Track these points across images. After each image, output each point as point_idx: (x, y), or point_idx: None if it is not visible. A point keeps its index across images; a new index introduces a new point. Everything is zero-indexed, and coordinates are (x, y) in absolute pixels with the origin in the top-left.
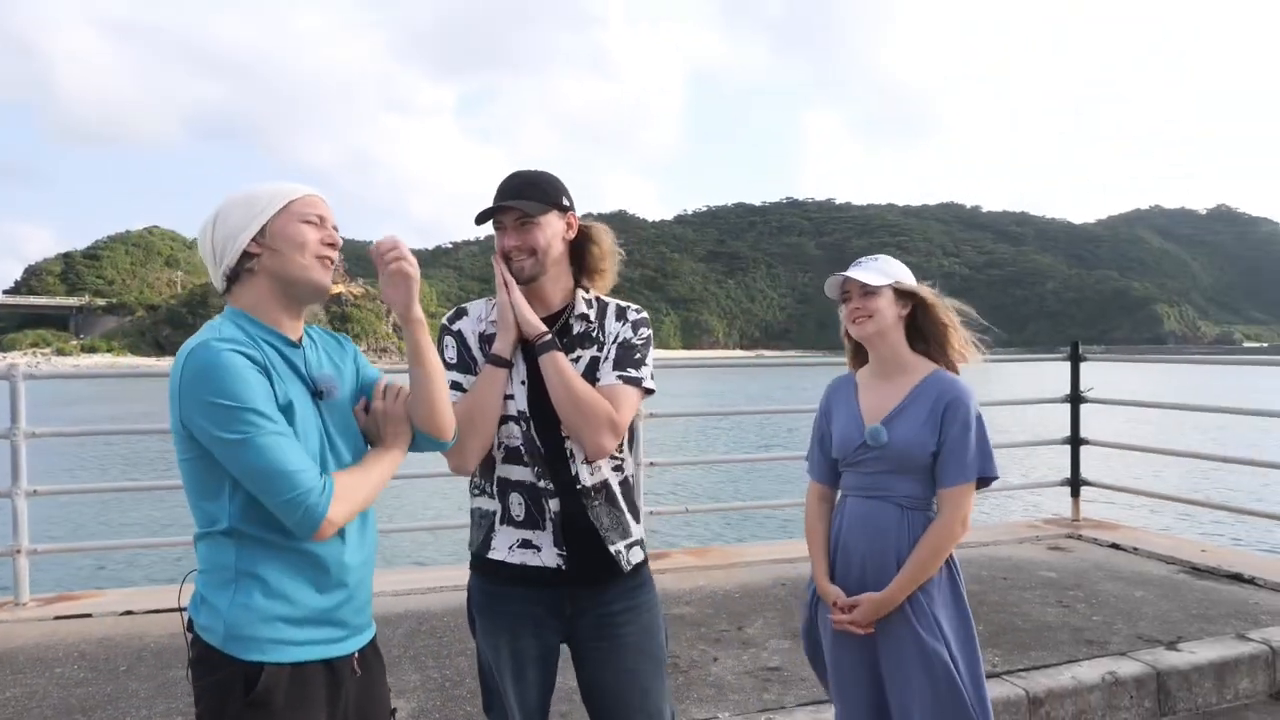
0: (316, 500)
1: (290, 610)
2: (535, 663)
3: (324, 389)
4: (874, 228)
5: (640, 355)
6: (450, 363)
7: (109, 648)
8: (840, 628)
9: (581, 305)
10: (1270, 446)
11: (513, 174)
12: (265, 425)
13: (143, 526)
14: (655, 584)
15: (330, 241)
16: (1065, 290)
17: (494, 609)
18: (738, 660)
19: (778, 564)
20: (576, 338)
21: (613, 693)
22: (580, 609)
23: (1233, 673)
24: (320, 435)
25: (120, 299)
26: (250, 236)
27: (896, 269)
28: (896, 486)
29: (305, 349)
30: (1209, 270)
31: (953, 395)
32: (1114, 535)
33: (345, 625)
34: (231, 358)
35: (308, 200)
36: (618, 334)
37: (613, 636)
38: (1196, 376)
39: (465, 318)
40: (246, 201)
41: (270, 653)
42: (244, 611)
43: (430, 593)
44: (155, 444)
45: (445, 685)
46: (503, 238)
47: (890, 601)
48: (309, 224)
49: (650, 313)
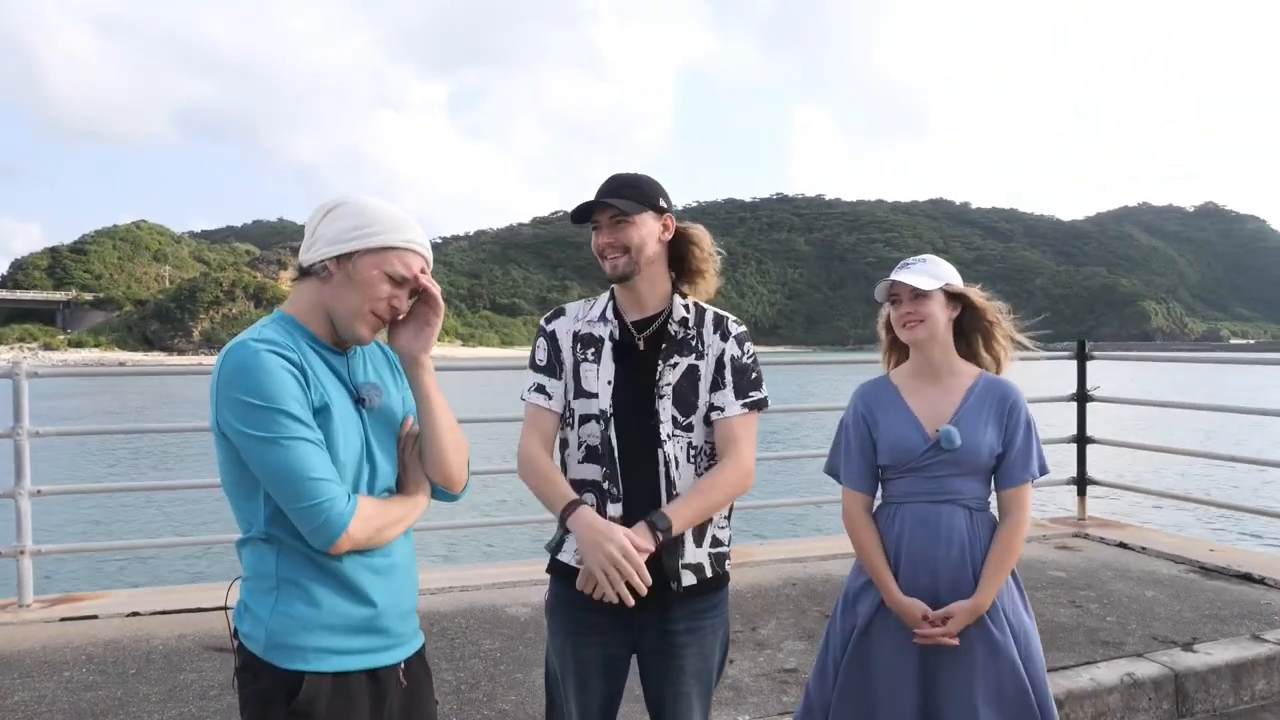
0: (341, 510)
1: (332, 619)
2: (600, 671)
3: (366, 396)
4: (864, 224)
5: (756, 374)
6: (539, 364)
7: (117, 650)
8: (930, 642)
9: (680, 310)
10: (1267, 444)
11: (612, 176)
12: (294, 428)
13: (147, 526)
14: (727, 607)
15: (397, 305)
16: (1053, 287)
17: (563, 613)
18: (754, 662)
19: (786, 563)
20: (675, 343)
21: (668, 711)
22: (645, 621)
23: (1249, 674)
24: (361, 441)
25: (108, 294)
26: (335, 254)
27: (945, 270)
28: (963, 489)
29: (351, 357)
30: (1196, 267)
31: (1014, 397)
32: (1121, 534)
33: (389, 634)
34: (266, 357)
35: (403, 256)
36: (723, 352)
37: (673, 655)
38: (1187, 374)
39: (562, 317)
40: (360, 216)
41: (312, 662)
42: (285, 620)
43: (440, 593)
44: (157, 442)
45: (460, 688)
46: (597, 236)
47: (981, 608)
48: (390, 279)
49: None
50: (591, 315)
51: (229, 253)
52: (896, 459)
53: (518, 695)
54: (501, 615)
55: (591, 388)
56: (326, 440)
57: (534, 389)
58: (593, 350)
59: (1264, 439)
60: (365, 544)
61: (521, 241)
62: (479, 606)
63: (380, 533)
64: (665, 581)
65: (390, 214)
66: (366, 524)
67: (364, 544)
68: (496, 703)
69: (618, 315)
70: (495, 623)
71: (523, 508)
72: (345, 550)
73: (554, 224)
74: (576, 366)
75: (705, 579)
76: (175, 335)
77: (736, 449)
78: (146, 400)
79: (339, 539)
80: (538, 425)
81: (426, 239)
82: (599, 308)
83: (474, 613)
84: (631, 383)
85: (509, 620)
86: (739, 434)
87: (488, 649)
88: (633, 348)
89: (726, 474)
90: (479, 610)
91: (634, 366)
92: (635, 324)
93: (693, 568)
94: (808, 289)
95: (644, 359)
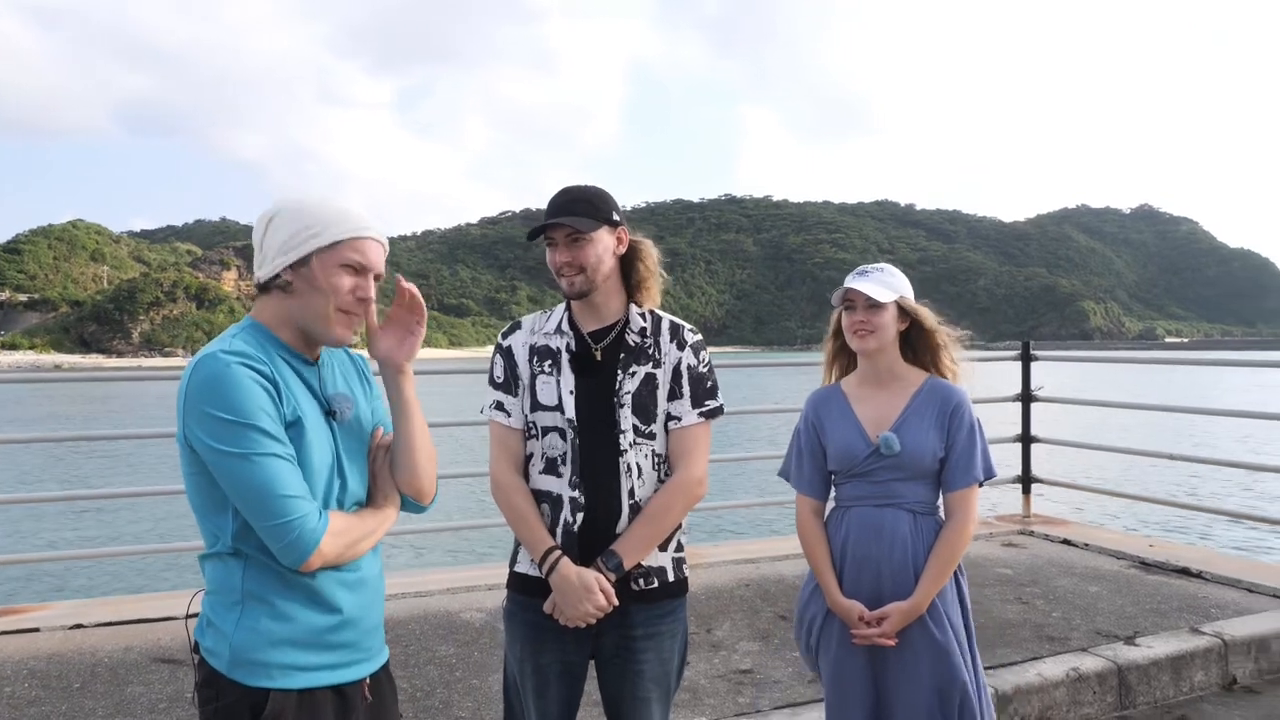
0: (313, 527)
1: (299, 634)
2: (559, 678)
3: (337, 409)
4: (811, 225)
5: (712, 383)
6: (497, 381)
7: (60, 664)
8: (867, 642)
9: (637, 319)
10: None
11: (563, 189)
12: (265, 443)
13: (90, 536)
14: (685, 612)
15: (363, 296)
16: (996, 287)
17: (521, 619)
18: (709, 664)
19: (739, 564)
20: (633, 353)
21: (627, 716)
22: (604, 628)
23: (1188, 666)
24: (332, 454)
25: (43, 294)
26: (288, 264)
27: (900, 283)
28: (907, 493)
29: (321, 367)
30: (1132, 268)
31: (956, 400)
32: (1065, 531)
33: (356, 649)
34: (237, 370)
35: (356, 245)
36: (680, 361)
37: (632, 661)
38: (1124, 373)
39: (518, 332)
40: (302, 218)
41: (277, 678)
42: (250, 635)
43: (395, 599)
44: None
45: (416, 696)
46: (553, 254)
47: (918, 609)
48: (349, 271)
49: None
50: (548, 327)
51: (170, 253)
52: (842, 464)
53: (474, 701)
54: (456, 621)
55: (550, 400)
56: (298, 454)
57: (494, 406)
58: (550, 362)
59: (1200, 436)
60: (336, 560)
61: (470, 241)
62: (434, 612)
63: (351, 548)
64: (625, 583)
65: (332, 207)
66: (338, 540)
67: (335, 561)
68: (453, 709)
69: (574, 326)
70: (450, 628)
71: (480, 513)
72: (316, 568)
73: (502, 224)
74: (533, 380)
75: (667, 583)
76: (114, 337)
77: (689, 460)
78: (85, 405)
79: (310, 557)
80: (505, 444)
81: (375, 221)
82: (554, 319)
83: (429, 618)
84: (591, 393)
85: (464, 626)
86: (692, 445)
87: (443, 655)
88: (590, 358)
89: (676, 495)
90: (434, 616)
91: (593, 377)
92: (592, 334)
93: (655, 571)
94: (756, 289)
95: (602, 369)
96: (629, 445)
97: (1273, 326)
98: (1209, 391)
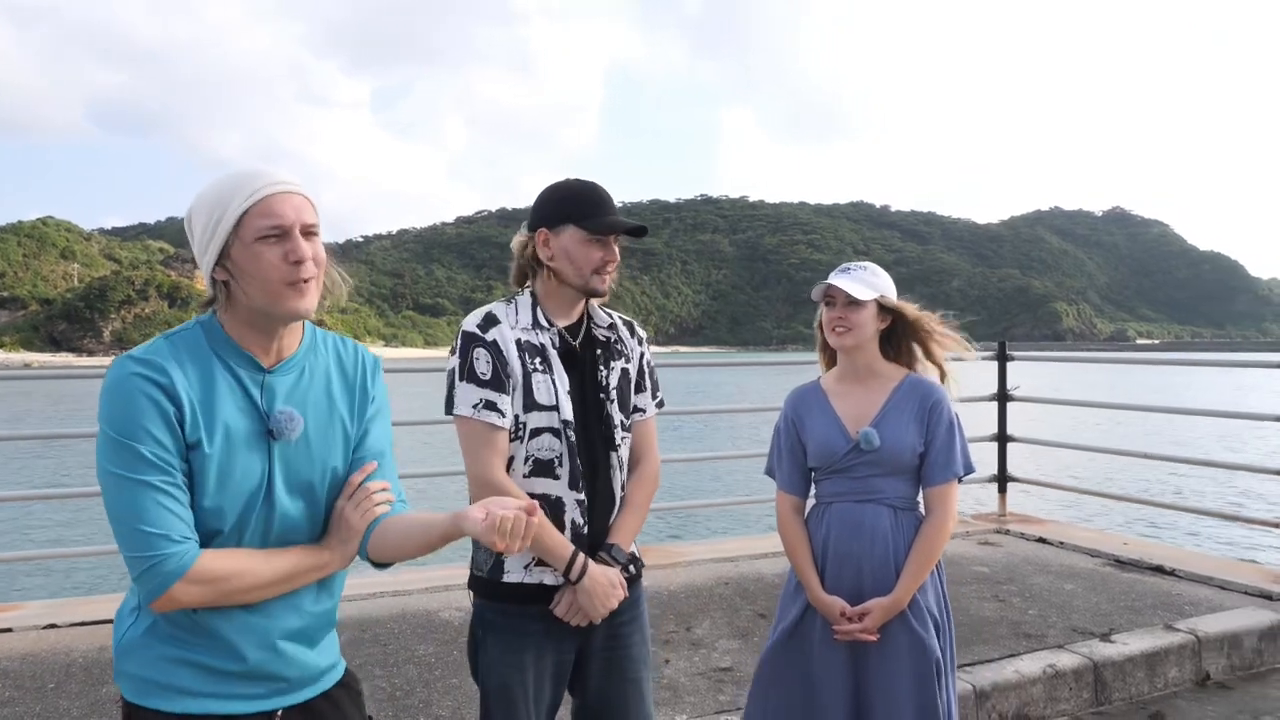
0: (170, 569)
1: (182, 654)
2: (552, 679)
3: (276, 427)
4: (786, 225)
5: (656, 375)
6: (483, 378)
7: (34, 664)
8: (849, 638)
9: (601, 315)
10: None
11: (605, 191)
12: (138, 468)
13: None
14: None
15: (296, 259)
16: (970, 288)
17: (513, 628)
18: (689, 662)
19: (719, 563)
20: (609, 348)
21: (618, 704)
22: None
23: (1163, 662)
24: (261, 477)
25: (12, 292)
26: (212, 265)
27: (883, 282)
28: (887, 489)
29: (276, 375)
30: (1104, 270)
31: (935, 397)
32: (1040, 529)
33: (255, 679)
34: (130, 382)
35: (263, 209)
36: (641, 355)
37: (621, 646)
38: (1096, 374)
39: (499, 325)
40: (208, 207)
41: (152, 697)
42: (133, 645)
43: (370, 599)
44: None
45: (396, 695)
46: (605, 252)
47: (899, 605)
48: (267, 242)
49: None
50: (523, 321)
51: (141, 250)
52: (822, 461)
53: (454, 700)
54: (435, 620)
55: (547, 399)
56: (201, 475)
57: (482, 406)
58: (540, 359)
59: (1174, 435)
60: (201, 604)
61: (445, 241)
62: (411, 611)
63: (232, 595)
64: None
65: (229, 181)
66: (204, 589)
67: (199, 604)
68: (433, 709)
69: (550, 321)
70: (429, 627)
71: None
72: (168, 610)
73: (478, 223)
74: (528, 377)
75: (640, 566)
76: (84, 336)
77: (650, 451)
78: (56, 404)
79: (158, 599)
80: (495, 448)
81: (281, 172)
82: (525, 313)
83: (407, 617)
84: (582, 390)
85: (443, 625)
86: (652, 436)
87: (422, 654)
88: (574, 354)
89: (650, 485)
90: (411, 615)
91: (580, 373)
92: (568, 329)
93: (635, 558)
94: (731, 290)
95: (585, 365)
96: (620, 440)
97: (1241, 328)
98: (1183, 392)
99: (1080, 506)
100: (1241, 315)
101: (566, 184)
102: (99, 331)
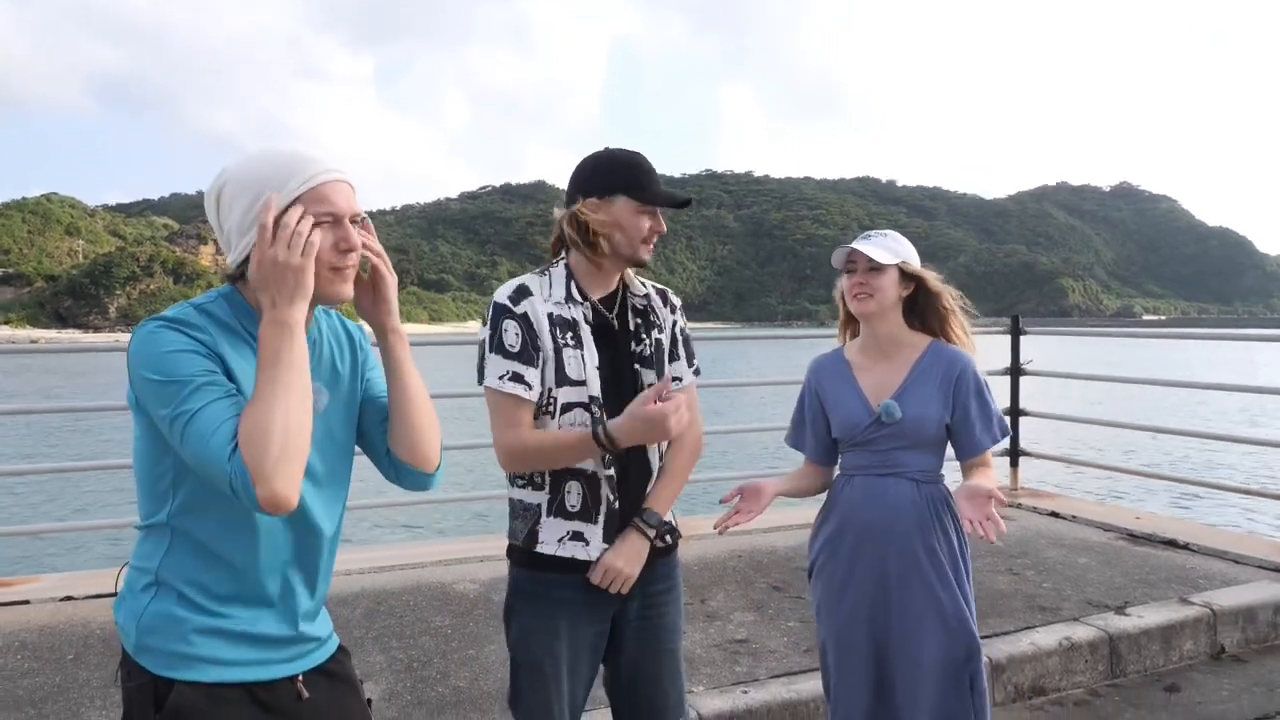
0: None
1: (211, 623)
2: (589, 650)
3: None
4: (791, 201)
5: (691, 343)
6: (510, 349)
7: (52, 635)
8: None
9: (637, 285)
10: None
11: (645, 156)
12: (197, 397)
13: (77, 508)
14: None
15: (347, 248)
16: (976, 264)
17: (549, 596)
18: (705, 634)
19: (732, 536)
20: (644, 320)
21: (650, 674)
22: (630, 590)
23: (1178, 635)
24: None
25: (17, 269)
26: (253, 244)
27: (905, 248)
28: (910, 461)
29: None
30: (1111, 245)
31: (961, 366)
32: (1052, 504)
33: (282, 645)
34: (165, 331)
35: (319, 195)
36: (674, 324)
37: (656, 615)
38: (1104, 348)
39: (531, 297)
40: (250, 187)
41: (179, 669)
42: (157, 619)
43: (384, 571)
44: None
45: (413, 666)
46: (656, 222)
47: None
48: (320, 228)
49: None
50: (556, 294)
51: (146, 226)
52: (844, 433)
53: (471, 671)
54: (450, 592)
55: (577, 375)
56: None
57: (509, 377)
58: (571, 334)
59: (1185, 410)
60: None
61: (449, 216)
62: (427, 583)
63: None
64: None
65: (280, 161)
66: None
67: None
68: (450, 680)
69: (584, 295)
70: (445, 599)
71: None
72: (279, 494)
73: (482, 199)
74: (559, 352)
75: (676, 536)
76: (90, 312)
77: (694, 418)
78: (62, 379)
79: (278, 499)
80: (520, 420)
81: (331, 160)
82: (559, 286)
83: (422, 590)
84: (615, 363)
85: (458, 597)
86: (693, 405)
87: (438, 626)
88: (608, 328)
89: (687, 453)
90: (427, 587)
91: (612, 347)
92: (601, 301)
93: (672, 527)
94: (737, 265)
95: (619, 338)
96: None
97: (1248, 304)
98: (1194, 366)
99: (1091, 480)
100: (1249, 291)
101: (614, 154)
102: (105, 308)
